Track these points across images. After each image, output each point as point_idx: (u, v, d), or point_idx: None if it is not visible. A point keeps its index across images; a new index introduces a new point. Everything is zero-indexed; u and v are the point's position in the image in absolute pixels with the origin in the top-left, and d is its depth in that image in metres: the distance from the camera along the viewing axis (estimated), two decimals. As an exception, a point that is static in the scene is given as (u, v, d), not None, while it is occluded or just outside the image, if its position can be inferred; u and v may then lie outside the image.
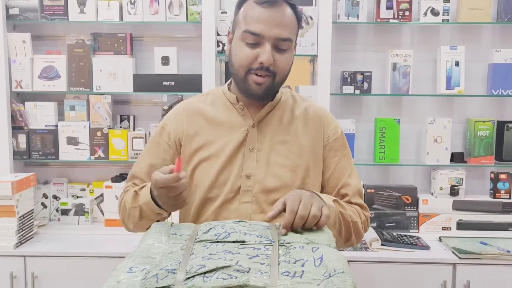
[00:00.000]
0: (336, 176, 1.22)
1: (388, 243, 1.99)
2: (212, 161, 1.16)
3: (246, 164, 1.16)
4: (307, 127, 1.21)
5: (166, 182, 0.98)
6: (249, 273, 0.76)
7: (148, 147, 1.25)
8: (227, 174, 1.15)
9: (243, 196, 1.15)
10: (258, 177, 1.15)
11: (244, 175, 1.15)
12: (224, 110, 1.20)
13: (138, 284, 0.73)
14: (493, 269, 1.88)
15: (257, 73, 1.11)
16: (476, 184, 2.26)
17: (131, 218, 1.16)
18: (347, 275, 0.75)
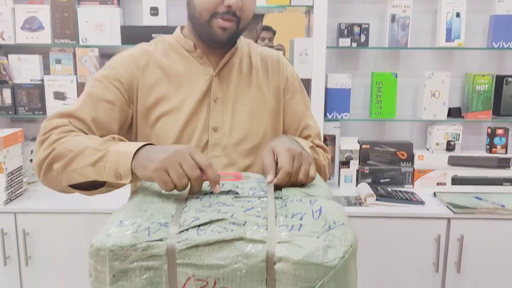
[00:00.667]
0: (297, 119, 1.20)
1: (383, 198, 1.98)
2: (174, 115, 1.07)
3: (212, 116, 1.09)
4: (267, 72, 1.17)
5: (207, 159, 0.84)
6: (245, 226, 0.72)
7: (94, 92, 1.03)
8: (192, 128, 1.07)
9: (212, 150, 1.09)
10: (225, 129, 1.09)
11: (211, 128, 1.09)
12: (179, 59, 1.11)
13: (129, 238, 0.69)
14: (487, 224, 1.89)
15: (222, 17, 1.03)
16: (473, 139, 2.24)
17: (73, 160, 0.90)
18: (347, 227, 0.72)
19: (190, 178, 0.82)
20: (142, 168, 0.84)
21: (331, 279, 0.66)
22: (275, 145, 0.98)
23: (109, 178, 0.87)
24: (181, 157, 0.82)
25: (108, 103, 1.03)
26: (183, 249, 0.69)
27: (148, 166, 0.83)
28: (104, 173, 0.87)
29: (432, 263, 1.91)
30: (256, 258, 0.68)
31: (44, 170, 0.94)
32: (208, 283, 0.68)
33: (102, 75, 1.07)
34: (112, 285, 0.69)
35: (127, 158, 0.86)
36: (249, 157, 1.11)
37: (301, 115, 1.20)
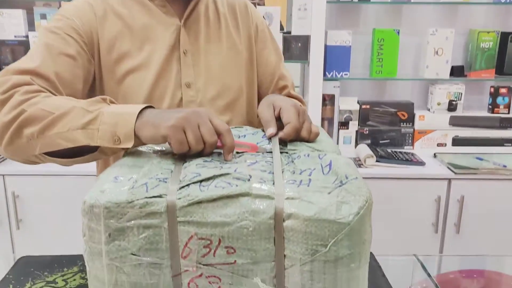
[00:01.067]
0: (270, 70, 1.13)
1: (383, 159, 1.94)
2: (142, 72, 0.97)
3: (184, 70, 1.00)
4: (236, 20, 1.09)
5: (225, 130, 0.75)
6: (251, 181, 0.67)
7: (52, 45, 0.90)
8: (164, 85, 0.98)
9: (186, 108, 0.99)
10: (199, 84, 1.02)
11: (183, 84, 1.00)
12: (140, 9, 1.00)
13: (125, 194, 0.63)
14: (488, 184, 1.86)
15: None
16: (475, 99, 2.19)
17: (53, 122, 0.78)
18: (361, 181, 0.67)
19: (207, 142, 0.74)
20: (152, 126, 0.74)
21: (345, 236, 0.61)
22: (275, 100, 0.91)
23: (104, 143, 0.76)
24: (200, 119, 0.74)
25: (69, 58, 0.91)
26: (185, 206, 0.63)
27: (161, 123, 0.73)
28: (98, 136, 0.76)
29: (431, 224, 1.89)
30: (263, 214, 0.63)
31: (10, 136, 0.80)
32: (212, 242, 0.63)
33: (56, 26, 0.93)
34: (107, 244, 0.63)
35: (130, 119, 0.75)
36: (226, 113, 1.05)
37: (274, 65, 1.13)
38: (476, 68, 2.06)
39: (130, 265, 0.64)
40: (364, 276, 0.65)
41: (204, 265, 0.64)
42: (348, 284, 0.63)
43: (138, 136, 0.76)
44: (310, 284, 0.63)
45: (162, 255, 0.64)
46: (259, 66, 1.12)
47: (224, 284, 0.64)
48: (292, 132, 0.83)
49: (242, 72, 1.07)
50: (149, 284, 0.65)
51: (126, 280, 0.64)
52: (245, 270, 0.64)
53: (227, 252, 0.63)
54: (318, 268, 0.62)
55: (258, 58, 1.12)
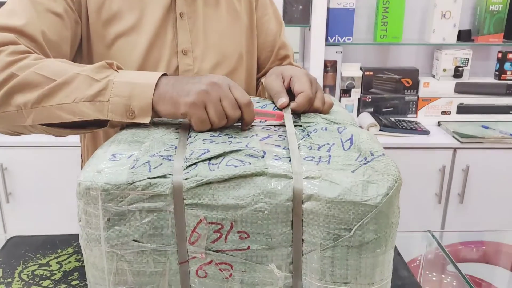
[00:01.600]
0: (271, 38, 1.05)
1: (387, 128, 1.88)
2: (134, 36, 0.88)
3: (180, 36, 0.91)
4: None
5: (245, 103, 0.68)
6: (265, 158, 0.60)
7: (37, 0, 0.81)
8: (158, 51, 0.90)
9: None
10: (197, 52, 0.93)
11: (180, 51, 0.92)
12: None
13: (126, 174, 0.56)
14: (494, 153, 1.81)
15: None
16: (481, 65, 2.11)
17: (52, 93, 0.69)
18: (388, 158, 0.60)
19: (229, 117, 0.67)
20: (170, 102, 0.67)
21: (372, 220, 0.55)
22: (284, 70, 0.84)
23: (116, 117, 0.68)
24: (221, 91, 0.67)
25: (56, 16, 0.81)
26: (193, 187, 0.56)
27: (180, 99, 0.66)
28: (109, 110, 0.68)
29: (435, 194, 1.85)
30: (281, 196, 0.56)
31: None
32: (223, 226, 0.57)
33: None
34: (107, 230, 0.57)
35: (146, 91, 0.67)
36: None
37: (275, 33, 1.05)
38: (484, 33, 1.98)
39: (132, 253, 0.58)
40: (389, 261, 0.60)
41: (214, 252, 0.58)
42: (372, 271, 0.58)
43: (156, 110, 0.69)
44: (331, 271, 0.57)
45: (167, 241, 0.58)
46: (259, 34, 1.04)
47: (236, 271, 0.59)
48: (306, 102, 0.75)
49: (242, 40, 0.99)
50: (153, 273, 0.59)
51: (128, 269, 0.58)
52: (259, 256, 0.58)
53: (239, 237, 0.57)
54: (340, 254, 0.56)
55: (258, 26, 1.03)
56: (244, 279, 0.59)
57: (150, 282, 0.59)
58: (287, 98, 0.77)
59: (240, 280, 0.59)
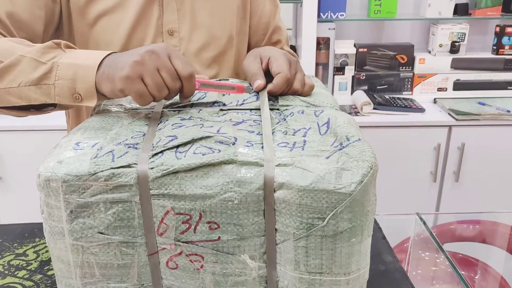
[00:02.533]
0: (265, 20, 0.99)
1: (381, 106, 1.84)
2: (118, 14, 0.85)
3: (167, 16, 0.88)
4: None
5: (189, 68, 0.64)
6: (236, 145, 0.57)
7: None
8: (142, 30, 0.86)
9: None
10: (183, 33, 0.89)
11: (165, 31, 0.88)
12: None
13: (87, 165, 0.54)
14: (491, 130, 1.78)
15: None
16: (478, 40, 2.06)
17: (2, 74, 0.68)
18: (364, 144, 0.58)
19: (170, 89, 0.64)
20: (108, 80, 0.63)
21: (346, 208, 0.53)
22: (262, 51, 0.80)
23: (63, 100, 0.66)
24: (158, 61, 0.62)
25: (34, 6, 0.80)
26: (158, 177, 0.54)
27: (115, 74, 0.62)
28: (55, 93, 0.65)
29: (429, 172, 1.83)
30: (251, 185, 0.54)
31: None
32: (192, 217, 0.55)
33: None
34: (70, 223, 0.54)
35: (89, 73, 0.64)
36: (213, 66, 0.93)
37: (269, 15, 0.99)
38: (482, 6, 1.92)
39: (98, 245, 0.56)
40: (366, 250, 0.57)
41: (183, 243, 0.56)
42: (348, 260, 0.56)
43: (101, 92, 0.65)
44: (305, 261, 0.55)
45: (135, 233, 0.56)
46: (253, 15, 0.99)
47: (208, 262, 0.57)
48: (283, 83, 0.72)
49: (233, 21, 0.94)
50: (121, 265, 0.57)
51: (94, 261, 0.56)
52: (231, 247, 0.56)
53: (209, 227, 0.55)
54: (314, 243, 0.54)
55: (252, 7, 0.98)
56: (216, 270, 0.57)
57: (118, 274, 0.57)
58: (264, 80, 0.73)
59: (212, 272, 0.57)
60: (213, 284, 0.57)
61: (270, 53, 0.77)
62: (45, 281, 0.75)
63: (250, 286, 0.58)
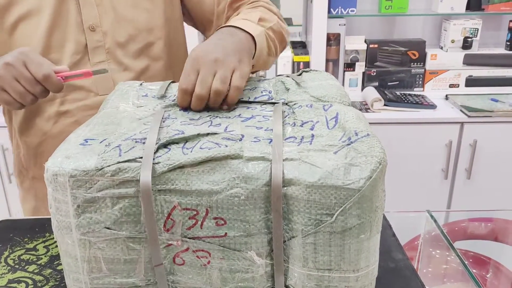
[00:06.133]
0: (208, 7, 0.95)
1: (391, 103, 1.82)
2: (34, 19, 0.85)
3: (85, 11, 0.87)
4: None
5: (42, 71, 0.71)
6: (243, 141, 0.57)
7: None
8: (61, 31, 0.86)
9: (94, 55, 0.89)
10: (105, 26, 0.89)
11: (86, 27, 0.88)
12: None
13: (94, 160, 0.54)
14: (503, 127, 1.75)
15: None
16: (492, 35, 2.03)
17: None
18: (373, 139, 0.57)
19: (34, 94, 0.71)
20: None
21: (354, 204, 0.52)
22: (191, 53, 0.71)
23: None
24: (14, 71, 0.69)
25: None
26: (164, 172, 0.54)
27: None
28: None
29: (441, 170, 1.81)
30: (258, 181, 0.53)
31: None
32: (199, 213, 0.54)
33: None
34: (77, 217, 0.54)
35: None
36: (142, 58, 0.92)
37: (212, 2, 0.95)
38: (495, 1, 1.89)
39: (105, 240, 0.55)
40: (375, 247, 0.57)
41: (190, 239, 0.56)
42: (357, 257, 0.55)
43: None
44: (313, 257, 0.54)
45: (141, 228, 0.55)
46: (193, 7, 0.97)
47: (214, 258, 0.56)
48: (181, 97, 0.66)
49: (158, 9, 0.93)
50: (128, 260, 0.57)
51: (101, 256, 0.56)
52: (238, 243, 0.55)
53: (216, 223, 0.55)
54: (322, 240, 0.54)
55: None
56: (222, 266, 0.57)
57: (125, 269, 0.57)
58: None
59: (219, 268, 0.57)
60: (220, 280, 0.57)
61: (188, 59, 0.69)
62: (54, 275, 0.75)
63: (257, 283, 0.57)
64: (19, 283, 0.73)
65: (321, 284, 0.55)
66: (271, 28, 0.87)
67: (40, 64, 0.70)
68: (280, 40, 0.90)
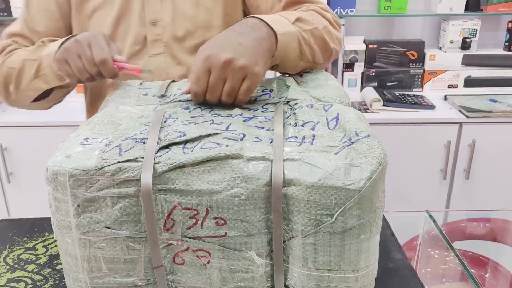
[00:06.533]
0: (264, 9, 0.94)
1: (390, 103, 1.82)
2: (106, 9, 0.92)
3: (148, 7, 0.92)
4: None
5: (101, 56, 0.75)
6: (244, 140, 0.57)
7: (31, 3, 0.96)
8: (126, 23, 0.92)
9: (152, 47, 0.93)
10: (165, 21, 0.93)
11: (148, 21, 0.92)
12: None
13: (94, 159, 0.54)
14: (502, 128, 1.76)
15: None
16: (490, 36, 2.03)
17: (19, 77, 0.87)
18: (373, 139, 0.57)
19: (89, 73, 0.76)
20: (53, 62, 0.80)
21: (354, 205, 0.52)
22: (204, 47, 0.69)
23: (54, 83, 0.84)
24: (80, 49, 0.75)
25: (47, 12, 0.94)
26: (165, 171, 0.54)
27: (55, 57, 0.79)
28: (49, 79, 0.83)
29: (440, 170, 1.81)
30: (258, 181, 0.53)
31: (4, 94, 0.92)
32: (199, 212, 0.54)
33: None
34: (77, 217, 0.54)
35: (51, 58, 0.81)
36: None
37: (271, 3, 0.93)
38: (494, 2, 1.89)
39: (104, 240, 0.55)
40: (375, 247, 0.57)
41: (190, 238, 0.56)
42: (357, 257, 0.55)
43: None
44: (313, 257, 0.55)
45: (141, 228, 0.55)
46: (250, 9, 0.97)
47: (214, 258, 0.56)
48: (193, 96, 0.67)
49: (219, 8, 0.94)
50: (128, 259, 0.57)
51: (101, 256, 0.56)
52: (238, 243, 0.55)
53: (216, 223, 0.55)
54: (322, 240, 0.54)
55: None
56: (222, 266, 0.57)
57: (125, 269, 0.57)
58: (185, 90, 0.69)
59: (218, 268, 0.57)
60: (219, 280, 0.57)
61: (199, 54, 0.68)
62: (54, 275, 0.75)
63: (257, 283, 0.57)
64: (18, 283, 0.73)
65: (321, 284, 0.55)
66: (311, 31, 0.80)
67: (101, 49, 0.74)
68: (321, 46, 0.83)
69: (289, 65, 0.79)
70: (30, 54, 0.85)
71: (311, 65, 0.83)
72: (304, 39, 0.78)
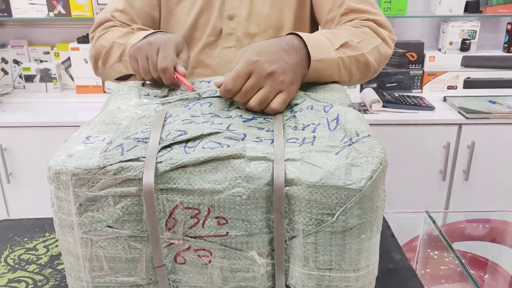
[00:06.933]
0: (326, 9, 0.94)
1: (390, 104, 1.83)
2: (190, 2, 1.00)
3: (228, 2, 0.99)
4: None
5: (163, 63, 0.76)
6: (245, 140, 0.57)
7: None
8: (206, 15, 1.00)
9: (225, 40, 1.00)
10: (241, 17, 0.99)
11: (226, 15, 0.99)
12: None
13: (97, 158, 0.54)
14: (501, 129, 1.76)
15: None
16: (490, 37, 2.04)
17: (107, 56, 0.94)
18: (374, 139, 0.57)
19: (153, 76, 0.78)
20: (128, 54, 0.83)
21: (355, 204, 0.52)
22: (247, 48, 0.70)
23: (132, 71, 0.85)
24: (149, 51, 0.77)
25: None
26: (167, 171, 0.54)
27: (129, 51, 0.82)
28: (129, 66, 0.84)
29: (439, 171, 1.81)
30: (259, 180, 0.53)
31: (94, 66, 0.98)
32: (201, 212, 0.55)
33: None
34: (79, 216, 0.55)
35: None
36: None
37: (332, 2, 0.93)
38: (493, 3, 1.90)
39: (106, 239, 0.56)
40: (375, 246, 0.57)
41: (192, 238, 0.56)
42: (358, 256, 0.55)
43: None
44: (314, 257, 0.55)
45: (143, 227, 0.56)
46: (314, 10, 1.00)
47: (216, 258, 0.57)
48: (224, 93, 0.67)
49: (291, 10, 0.99)
50: (129, 259, 0.57)
51: (103, 255, 0.57)
52: (239, 242, 0.56)
53: (217, 223, 0.55)
54: (323, 240, 0.54)
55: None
56: (224, 265, 0.57)
57: (126, 268, 0.57)
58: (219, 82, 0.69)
59: (220, 267, 0.57)
60: (221, 280, 0.57)
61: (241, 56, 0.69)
62: (54, 275, 0.75)
63: (258, 283, 0.57)
64: (19, 283, 0.73)
65: (322, 283, 0.56)
66: (355, 57, 0.80)
67: (166, 57, 0.76)
68: (362, 70, 0.83)
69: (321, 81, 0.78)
70: (120, 38, 0.91)
71: (344, 84, 0.83)
72: (345, 64, 0.78)
